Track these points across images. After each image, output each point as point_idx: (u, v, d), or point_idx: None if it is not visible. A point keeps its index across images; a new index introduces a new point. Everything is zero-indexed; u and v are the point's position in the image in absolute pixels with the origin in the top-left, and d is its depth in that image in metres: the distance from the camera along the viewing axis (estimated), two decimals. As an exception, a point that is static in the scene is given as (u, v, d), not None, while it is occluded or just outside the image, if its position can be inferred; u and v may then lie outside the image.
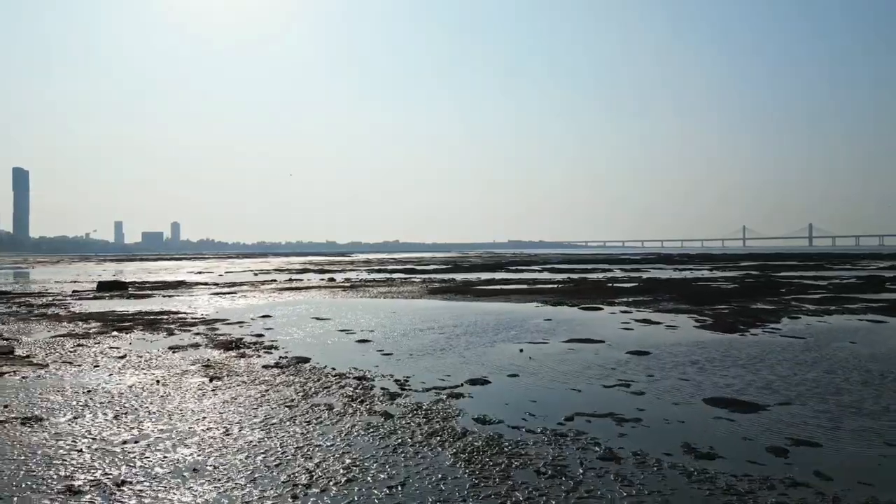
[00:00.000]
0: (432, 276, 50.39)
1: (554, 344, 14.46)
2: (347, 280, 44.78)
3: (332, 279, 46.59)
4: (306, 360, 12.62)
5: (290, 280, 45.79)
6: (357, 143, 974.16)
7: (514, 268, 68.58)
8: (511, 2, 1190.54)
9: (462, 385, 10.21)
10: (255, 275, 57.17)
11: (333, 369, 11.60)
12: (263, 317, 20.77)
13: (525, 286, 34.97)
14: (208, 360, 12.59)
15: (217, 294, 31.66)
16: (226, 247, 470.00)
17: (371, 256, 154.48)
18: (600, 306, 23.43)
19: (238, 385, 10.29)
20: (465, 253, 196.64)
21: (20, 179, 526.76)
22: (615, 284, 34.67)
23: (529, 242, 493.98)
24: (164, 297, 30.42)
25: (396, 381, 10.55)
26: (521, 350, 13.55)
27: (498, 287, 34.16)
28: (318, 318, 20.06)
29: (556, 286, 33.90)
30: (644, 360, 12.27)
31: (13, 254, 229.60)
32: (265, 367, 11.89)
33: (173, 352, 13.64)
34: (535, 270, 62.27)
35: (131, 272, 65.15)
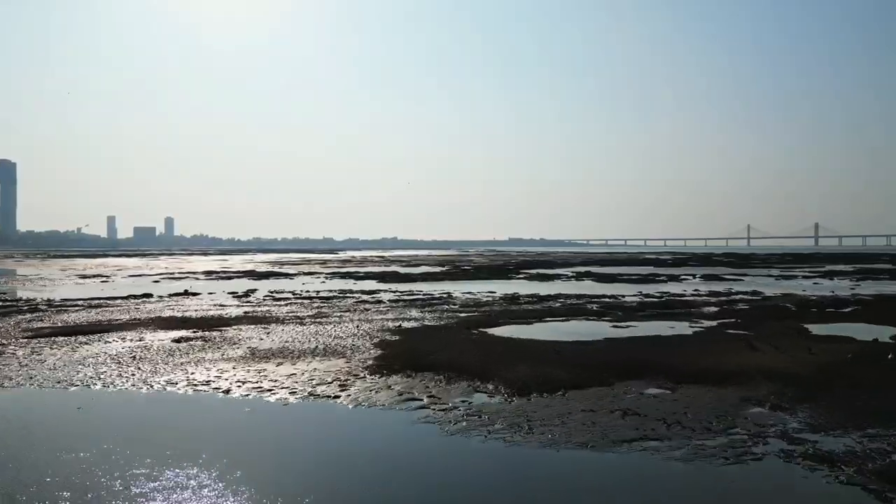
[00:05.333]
0: (416, 288, 31.35)
1: None
2: (269, 298, 25.85)
3: (246, 294, 27.62)
4: None
5: (177, 296, 26.88)
6: (357, 141, 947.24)
7: (533, 271, 49.54)
8: (512, 1, 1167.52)
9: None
10: (156, 282, 38.29)
11: None
12: None
13: (656, 351, 15.96)
14: None
15: None
16: (220, 243, 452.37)
17: (360, 254, 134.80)
18: None
19: None
20: (464, 251, 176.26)
21: (7, 172, 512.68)
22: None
23: (530, 240, 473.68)
24: None
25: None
26: None
27: (558, 338, 15.22)
28: None
29: (727, 333, 14.86)
30: None
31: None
32: None
33: None
34: (566, 276, 43.26)
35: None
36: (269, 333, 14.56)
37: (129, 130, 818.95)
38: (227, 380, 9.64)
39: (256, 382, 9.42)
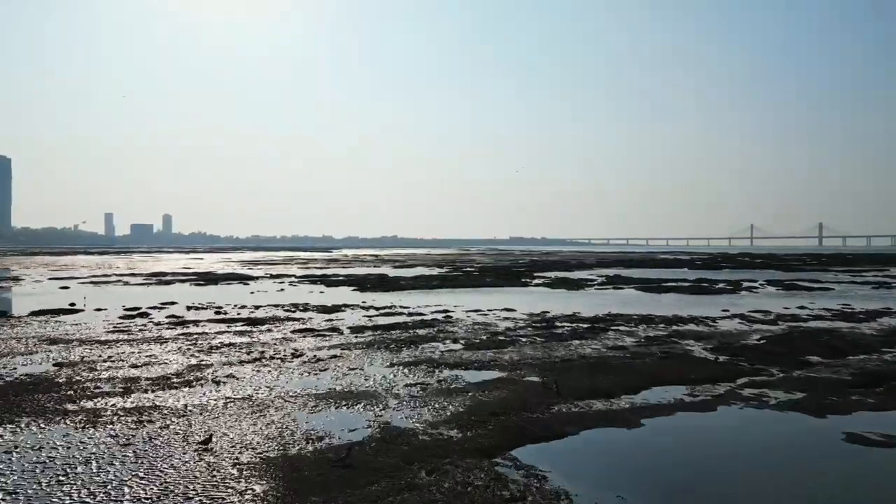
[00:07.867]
0: (402, 301, 22.21)
1: None
2: (171, 318, 16.84)
3: (145, 313, 18.53)
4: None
5: (40, 315, 17.81)
6: (357, 141, 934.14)
7: (551, 275, 40.29)
8: (512, 1, 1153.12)
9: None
10: (64, 288, 29.28)
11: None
12: None
13: None
14: None
15: None
16: (218, 240, 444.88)
17: (354, 252, 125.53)
18: None
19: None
20: (465, 249, 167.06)
21: (2, 168, 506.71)
22: None
23: (532, 239, 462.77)
24: None
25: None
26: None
27: None
28: None
29: None
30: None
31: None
32: None
33: None
34: (596, 282, 33.98)
35: None
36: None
37: (129, 129, 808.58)
38: None
39: None
